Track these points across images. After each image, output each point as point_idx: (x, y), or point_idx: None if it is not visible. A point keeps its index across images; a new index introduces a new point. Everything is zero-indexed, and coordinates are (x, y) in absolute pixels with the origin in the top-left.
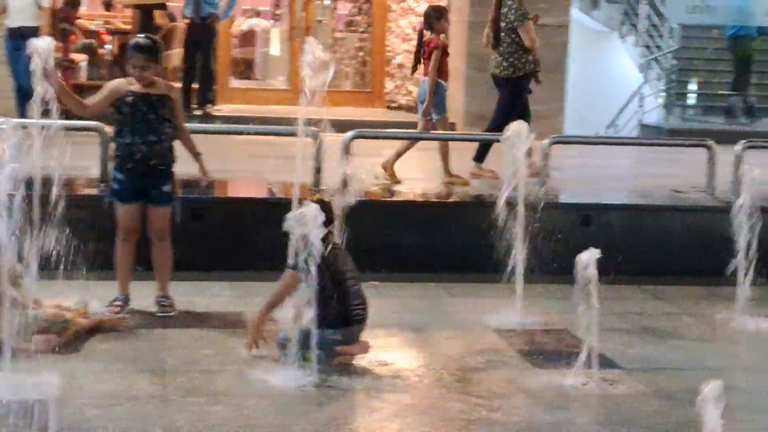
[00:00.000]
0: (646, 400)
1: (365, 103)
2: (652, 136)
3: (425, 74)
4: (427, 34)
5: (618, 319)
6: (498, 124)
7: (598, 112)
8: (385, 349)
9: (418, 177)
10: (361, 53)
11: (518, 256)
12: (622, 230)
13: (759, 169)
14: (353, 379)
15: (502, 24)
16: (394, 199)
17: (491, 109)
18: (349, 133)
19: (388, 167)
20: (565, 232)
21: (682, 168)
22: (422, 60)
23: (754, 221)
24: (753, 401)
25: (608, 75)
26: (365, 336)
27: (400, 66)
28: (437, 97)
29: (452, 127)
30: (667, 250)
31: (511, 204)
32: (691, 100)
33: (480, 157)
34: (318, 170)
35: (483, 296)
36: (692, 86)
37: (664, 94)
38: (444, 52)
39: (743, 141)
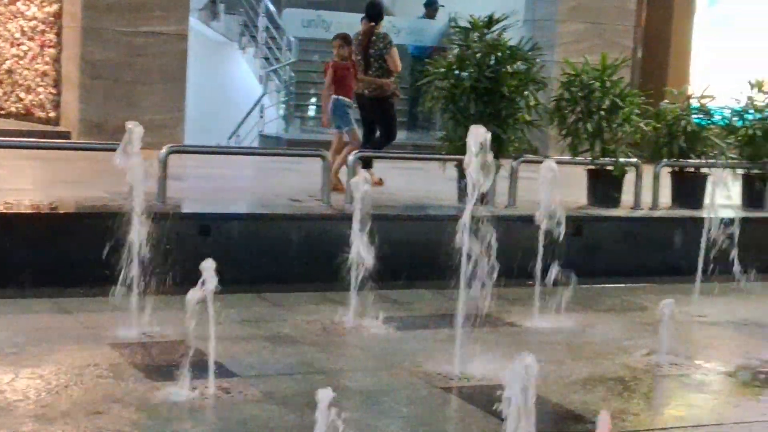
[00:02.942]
0: (262, 406)
1: None
2: (272, 146)
3: (334, 93)
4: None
5: (236, 327)
6: (391, 138)
7: (221, 122)
8: None
9: (28, 188)
10: None
11: (134, 268)
12: (241, 239)
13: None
14: None
15: (371, 50)
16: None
17: (107, 117)
18: None
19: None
20: (184, 242)
21: (299, 178)
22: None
23: (367, 228)
24: (365, 401)
25: (230, 85)
26: None
27: (9, 72)
28: (340, 110)
29: (68, 135)
30: (285, 257)
31: (128, 215)
32: (311, 112)
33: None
34: None
35: (98, 310)
36: (312, 98)
37: (283, 105)
38: (336, 73)
39: (355, 151)
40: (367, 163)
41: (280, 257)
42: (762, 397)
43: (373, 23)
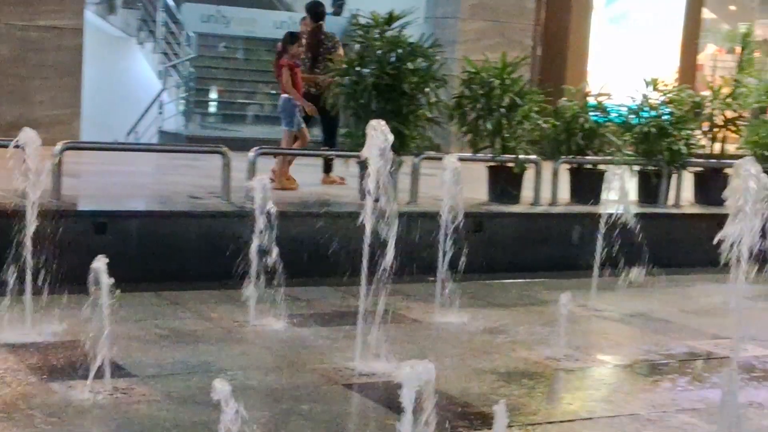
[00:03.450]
0: (160, 406)
1: None
2: (171, 142)
3: (282, 91)
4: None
5: (134, 327)
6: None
7: (119, 118)
8: None
9: None
10: None
11: (27, 267)
12: (139, 237)
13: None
14: None
15: (321, 49)
16: None
17: (0, 113)
18: None
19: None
20: (79, 240)
21: (199, 174)
22: (277, 78)
23: (269, 225)
24: (266, 399)
25: (128, 81)
26: None
27: None
28: (291, 110)
29: None
30: (185, 255)
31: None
32: (212, 108)
33: (327, 169)
34: None
35: None
36: (212, 94)
37: (183, 101)
38: (292, 70)
39: (256, 148)
40: (327, 166)
41: (179, 255)
42: (657, 390)
43: (321, 22)
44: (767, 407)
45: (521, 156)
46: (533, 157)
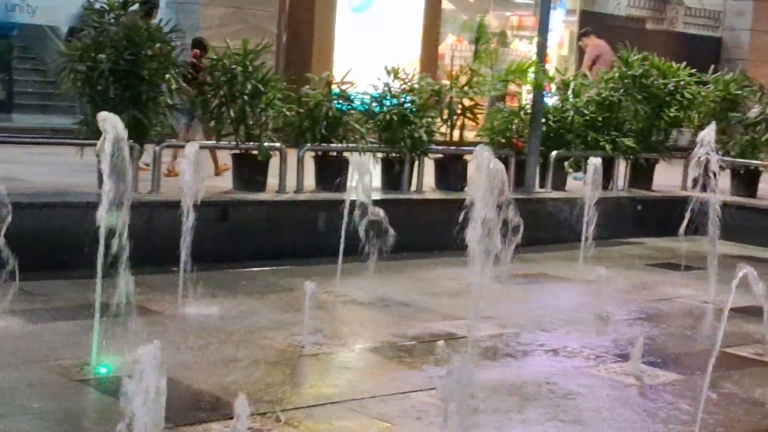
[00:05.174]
0: None
1: None
2: None
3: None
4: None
5: None
6: None
7: None
8: None
9: None
10: None
11: None
12: None
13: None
14: None
15: None
16: None
17: None
18: None
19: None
20: None
21: None
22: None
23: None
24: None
25: None
26: None
27: None
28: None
29: None
30: None
31: None
32: None
33: None
34: None
35: None
36: None
37: None
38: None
39: None
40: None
41: None
42: (399, 371)
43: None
44: (498, 382)
45: (266, 143)
46: (277, 144)
